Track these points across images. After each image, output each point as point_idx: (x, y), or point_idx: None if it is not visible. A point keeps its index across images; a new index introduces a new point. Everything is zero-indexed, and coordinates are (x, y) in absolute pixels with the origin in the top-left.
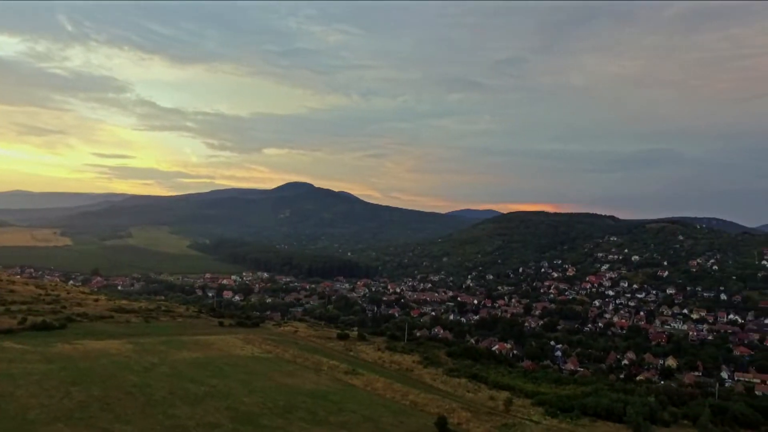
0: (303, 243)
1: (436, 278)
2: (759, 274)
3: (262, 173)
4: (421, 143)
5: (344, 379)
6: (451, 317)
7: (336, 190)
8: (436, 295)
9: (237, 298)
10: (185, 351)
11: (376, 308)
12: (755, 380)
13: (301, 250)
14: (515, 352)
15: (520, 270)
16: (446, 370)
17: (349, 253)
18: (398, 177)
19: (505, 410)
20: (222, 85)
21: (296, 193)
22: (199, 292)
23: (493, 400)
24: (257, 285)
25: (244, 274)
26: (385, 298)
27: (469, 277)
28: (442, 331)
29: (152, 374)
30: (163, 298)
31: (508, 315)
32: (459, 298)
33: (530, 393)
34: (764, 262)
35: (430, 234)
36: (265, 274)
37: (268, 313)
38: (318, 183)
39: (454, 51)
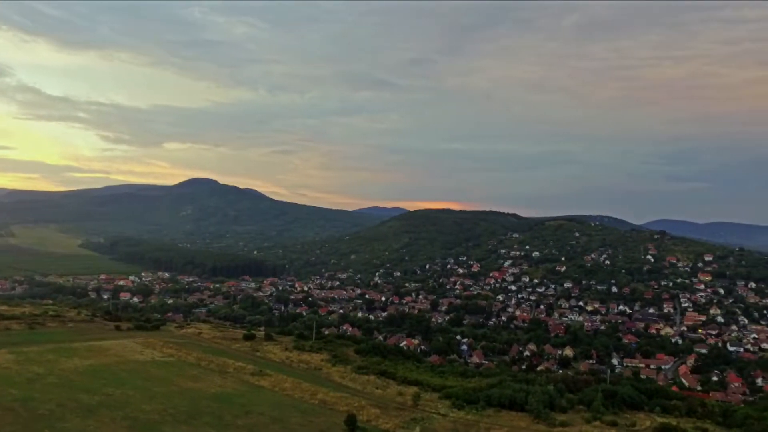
0: (207, 241)
1: (344, 276)
2: (644, 268)
3: (162, 168)
4: (328, 140)
5: (251, 381)
6: (360, 315)
7: (241, 186)
8: (344, 292)
9: (135, 299)
10: (77, 358)
11: (283, 307)
12: (641, 365)
13: (205, 248)
14: (423, 347)
15: (427, 267)
16: (355, 368)
17: (255, 252)
18: (305, 174)
19: (414, 405)
20: (119, 75)
21: (199, 190)
22: (93, 295)
23: (401, 396)
24: (157, 285)
25: (143, 274)
26: (292, 297)
27: (377, 274)
28: (350, 329)
29: (37, 386)
30: (51, 302)
31: (416, 311)
32: (367, 296)
33: (437, 387)
34: (649, 256)
35: (338, 231)
36: (166, 274)
37: (170, 314)
38: (222, 179)
39: (363, 49)
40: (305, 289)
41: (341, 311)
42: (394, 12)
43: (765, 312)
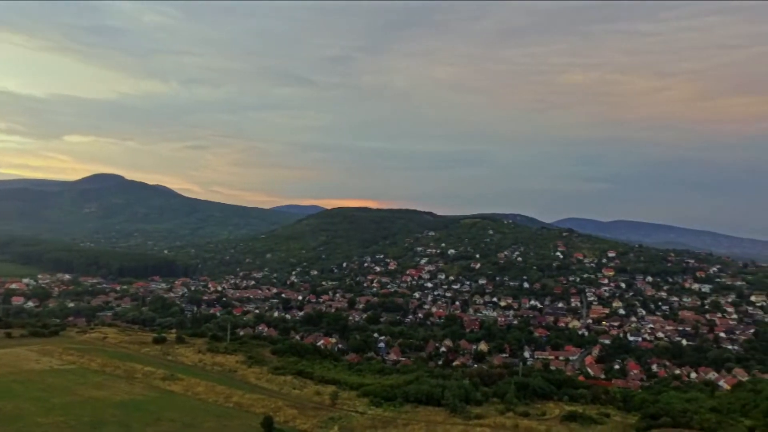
0: (113, 240)
1: (259, 275)
2: (554, 264)
3: (63, 163)
4: (245, 136)
5: (161, 386)
6: (276, 314)
7: (151, 183)
8: (260, 292)
9: (31, 304)
10: None
11: (196, 308)
12: (551, 357)
13: (111, 248)
14: (340, 346)
15: (344, 265)
16: (271, 369)
17: (165, 251)
18: (220, 170)
19: (332, 404)
20: (10, 59)
21: (104, 186)
22: None
23: (319, 395)
24: (56, 288)
25: (39, 276)
26: (205, 298)
27: (294, 273)
28: (266, 329)
29: None
30: None
31: (333, 310)
32: (283, 295)
33: (355, 385)
34: (558, 253)
35: (254, 230)
36: (67, 276)
37: (71, 319)
38: (130, 175)
39: (282, 44)
40: (219, 289)
41: (257, 311)
42: (313, 9)
43: (660, 304)
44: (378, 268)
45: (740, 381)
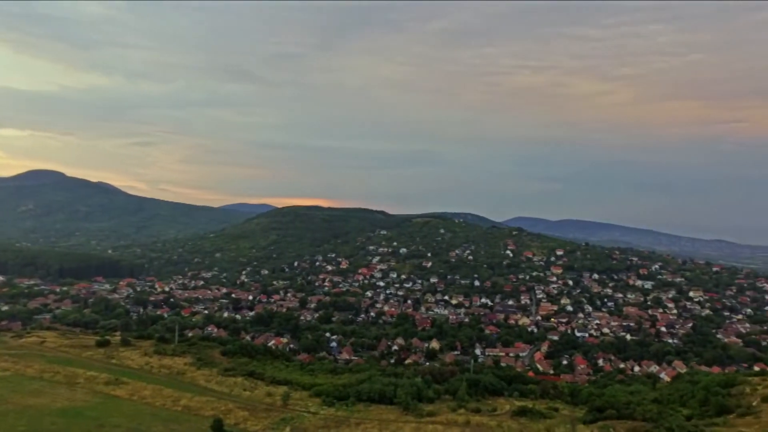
0: (52, 240)
1: (208, 275)
2: (504, 262)
3: None
4: (193, 133)
5: (105, 391)
6: (226, 315)
7: (93, 180)
8: (209, 292)
9: None
10: None
11: (142, 309)
12: (501, 353)
13: (50, 247)
14: (292, 346)
15: (296, 264)
16: (221, 370)
17: (109, 251)
18: (167, 168)
19: (283, 405)
20: None
21: (42, 183)
22: None
23: (270, 396)
24: None
25: None
26: (152, 298)
27: (244, 272)
28: (216, 330)
29: None
30: None
31: (284, 309)
32: (233, 295)
33: (307, 385)
34: (508, 252)
35: (202, 229)
36: (1, 278)
37: (5, 323)
38: (70, 172)
39: (232, 40)
40: (166, 289)
41: (206, 312)
42: (263, 5)
43: (606, 300)
44: (330, 267)
45: (679, 373)
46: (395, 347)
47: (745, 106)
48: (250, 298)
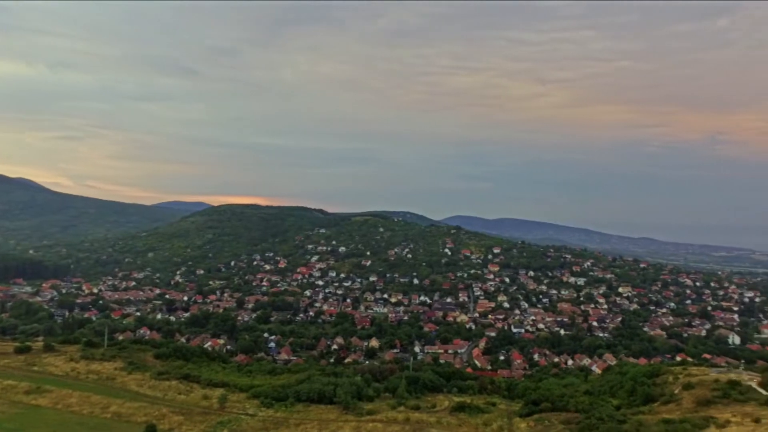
0: None
1: (140, 275)
2: (443, 261)
3: None
4: (123, 127)
5: (25, 401)
6: (159, 316)
7: (12, 176)
8: (141, 293)
9: None
10: None
11: (67, 313)
12: (440, 351)
13: None
14: (229, 347)
15: (232, 263)
16: (155, 374)
17: (31, 251)
18: (95, 164)
19: (220, 407)
20: None
21: None
22: None
23: (207, 399)
24: None
25: None
26: (79, 301)
27: (178, 272)
28: (149, 332)
29: None
30: None
31: (221, 310)
32: (167, 296)
33: (245, 387)
34: (446, 250)
35: (134, 227)
36: None
37: None
38: None
39: (166, 32)
40: (95, 291)
41: (138, 314)
42: None
43: (541, 297)
44: (268, 267)
45: (609, 365)
46: (335, 346)
47: (668, 112)
48: (185, 298)
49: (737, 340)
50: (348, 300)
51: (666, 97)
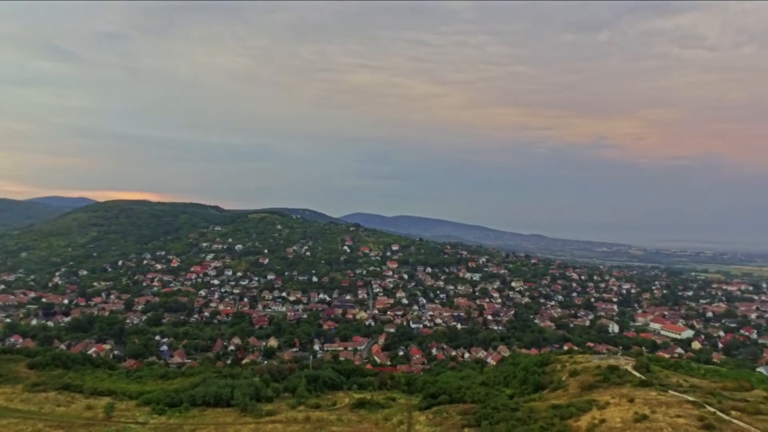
0: None
1: (11, 278)
2: (342, 258)
3: None
4: None
5: None
6: (35, 322)
7: None
8: (13, 297)
9: None
10: None
11: None
12: (340, 348)
13: None
14: (116, 352)
15: (120, 263)
16: (28, 386)
17: None
18: None
19: (107, 417)
20: None
21: None
22: None
23: (91, 410)
24: None
25: None
26: None
27: (58, 273)
28: (21, 340)
29: None
30: None
31: (107, 313)
32: (44, 299)
33: (134, 394)
34: (345, 247)
35: (4, 225)
36: None
37: None
38: None
39: (43, 11)
40: None
41: (8, 320)
42: None
43: (438, 292)
44: (159, 266)
45: (503, 356)
46: (231, 347)
47: (557, 116)
48: (66, 302)
49: (616, 328)
50: (245, 299)
51: (555, 101)
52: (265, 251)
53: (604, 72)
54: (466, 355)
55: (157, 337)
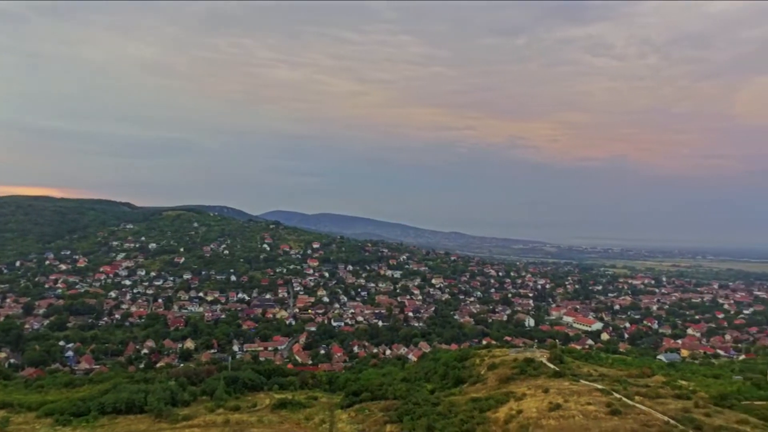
0: None
1: None
2: (261, 256)
3: None
4: None
5: None
6: None
7: None
8: None
9: None
10: None
11: None
12: (260, 348)
13: None
14: (13, 360)
15: (18, 264)
16: None
17: None
18: None
19: None
20: None
21: None
22: None
23: None
24: None
25: None
26: None
27: None
28: None
29: None
30: None
31: (1, 318)
32: None
33: (35, 405)
34: (265, 245)
35: None
36: None
37: None
38: None
39: None
40: None
41: None
42: None
43: (360, 290)
44: (64, 266)
45: (424, 353)
46: (145, 350)
47: (475, 116)
48: None
49: (532, 322)
50: (159, 300)
51: (474, 102)
52: (181, 250)
53: (521, 75)
54: (388, 352)
55: (62, 343)
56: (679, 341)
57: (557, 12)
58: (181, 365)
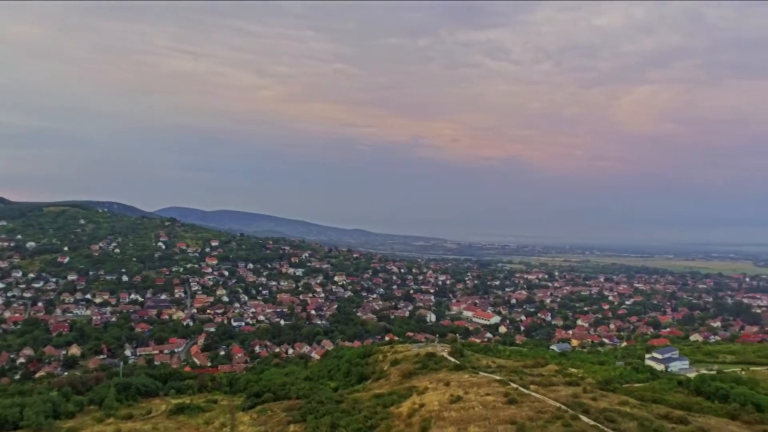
0: None
1: None
2: (156, 255)
3: None
4: None
5: None
6: None
7: None
8: None
9: None
10: None
11: None
12: (155, 352)
13: None
14: None
15: None
16: None
17: None
18: None
19: None
20: None
21: None
22: None
23: None
24: None
25: None
26: None
27: None
28: None
29: None
30: None
31: None
32: None
33: None
34: (160, 243)
35: None
36: None
37: None
38: None
39: None
40: None
41: None
42: None
43: (261, 289)
44: None
45: (327, 350)
46: (21, 360)
47: (377, 114)
48: None
49: (433, 317)
50: (39, 303)
51: (377, 101)
52: (65, 249)
53: (424, 76)
54: (290, 351)
55: None
56: (570, 332)
57: (458, 15)
58: (65, 374)
